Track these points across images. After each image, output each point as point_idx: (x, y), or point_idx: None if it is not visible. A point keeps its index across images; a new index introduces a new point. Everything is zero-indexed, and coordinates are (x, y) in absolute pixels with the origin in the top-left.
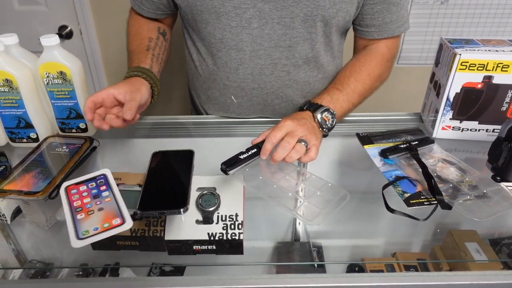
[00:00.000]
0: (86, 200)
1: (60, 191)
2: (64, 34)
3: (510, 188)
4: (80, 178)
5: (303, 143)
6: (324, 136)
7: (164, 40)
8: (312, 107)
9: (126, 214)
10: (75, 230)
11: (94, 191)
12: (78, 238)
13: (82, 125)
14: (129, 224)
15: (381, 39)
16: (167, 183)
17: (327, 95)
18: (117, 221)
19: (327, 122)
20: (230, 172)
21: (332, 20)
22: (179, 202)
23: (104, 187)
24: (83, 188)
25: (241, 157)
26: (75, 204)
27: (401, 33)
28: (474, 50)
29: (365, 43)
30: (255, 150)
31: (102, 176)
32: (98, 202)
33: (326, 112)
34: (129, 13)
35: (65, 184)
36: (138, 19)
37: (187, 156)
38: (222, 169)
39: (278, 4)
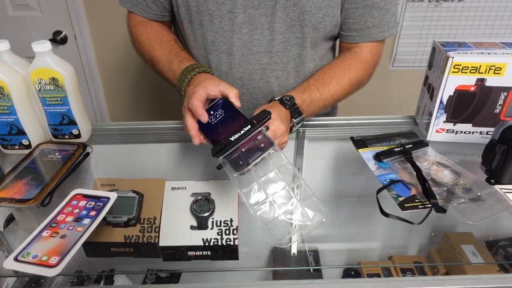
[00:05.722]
0: (68, 219)
1: (69, 195)
2: (59, 39)
3: (504, 190)
4: (94, 192)
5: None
6: None
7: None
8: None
9: (67, 259)
10: (22, 248)
11: (84, 212)
12: (16, 259)
13: (75, 131)
14: (55, 271)
15: (365, 43)
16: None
17: (308, 97)
18: (53, 260)
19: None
20: (220, 157)
21: (319, 25)
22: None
23: (93, 213)
24: (82, 203)
25: (232, 138)
26: (58, 217)
27: (385, 38)
28: (467, 53)
29: (348, 46)
30: (249, 127)
31: (104, 199)
32: (71, 227)
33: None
34: (129, 17)
35: (76, 191)
36: (148, 24)
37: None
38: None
39: (268, 10)
